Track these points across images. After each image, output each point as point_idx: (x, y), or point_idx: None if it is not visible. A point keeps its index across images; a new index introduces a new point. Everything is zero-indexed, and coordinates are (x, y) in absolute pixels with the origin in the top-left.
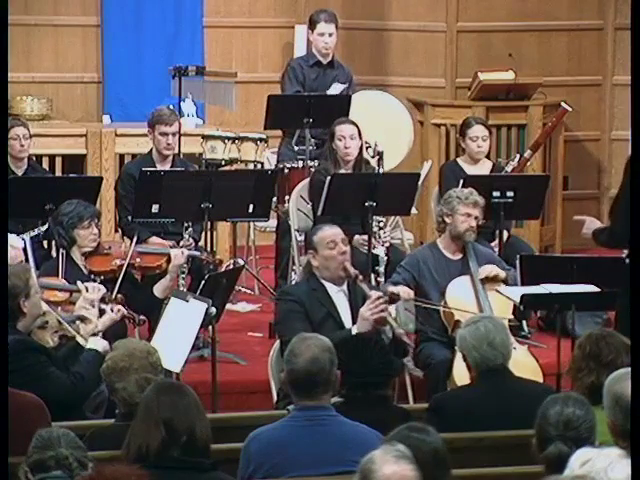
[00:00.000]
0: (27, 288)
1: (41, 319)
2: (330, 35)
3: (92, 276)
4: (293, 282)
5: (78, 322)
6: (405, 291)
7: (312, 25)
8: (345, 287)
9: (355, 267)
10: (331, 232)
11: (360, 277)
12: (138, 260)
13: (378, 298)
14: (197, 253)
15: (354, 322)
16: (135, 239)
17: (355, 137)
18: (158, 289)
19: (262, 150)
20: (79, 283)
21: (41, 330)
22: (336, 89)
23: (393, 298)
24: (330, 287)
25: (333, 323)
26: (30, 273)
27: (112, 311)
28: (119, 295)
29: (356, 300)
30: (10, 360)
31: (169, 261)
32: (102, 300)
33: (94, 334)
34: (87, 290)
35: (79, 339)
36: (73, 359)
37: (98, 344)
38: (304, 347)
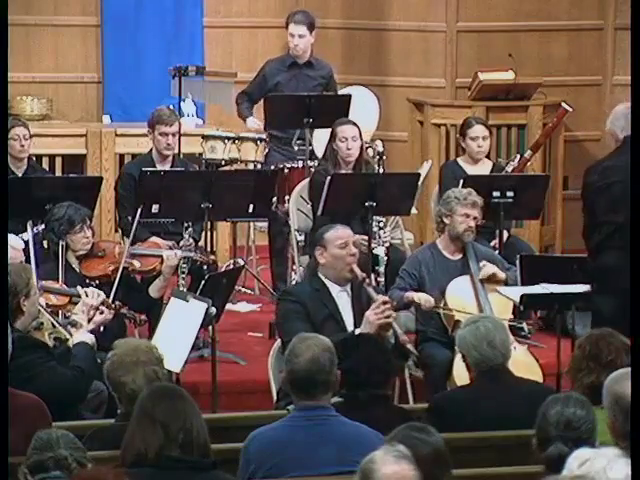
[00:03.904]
0: (27, 287)
1: (37, 320)
2: (301, 37)
3: (87, 280)
4: (293, 282)
5: (69, 327)
6: (427, 300)
7: (286, 25)
8: (348, 288)
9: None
10: (344, 233)
11: (367, 280)
12: (134, 263)
13: (384, 303)
14: (191, 254)
15: (356, 324)
16: (128, 243)
17: (357, 138)
18: (153, 289)
19: (262, 150)
20: (79, 288)
21: (37, 331)
22: None
23: (413, 305)
24: (333, 287)
25: (335, 324)
26: (31, 272)
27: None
28: (117, 303)
29: (359, 302)
30: (10, 357)
31: (164, 262)
32: (101, 305)
33: (76, 326)
34: (87, 295)
35: (71, 342)
36: (66, 361)
37: (85, 337)
38: (304, 347)
